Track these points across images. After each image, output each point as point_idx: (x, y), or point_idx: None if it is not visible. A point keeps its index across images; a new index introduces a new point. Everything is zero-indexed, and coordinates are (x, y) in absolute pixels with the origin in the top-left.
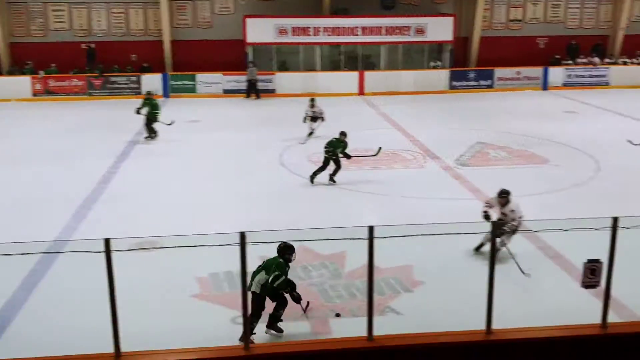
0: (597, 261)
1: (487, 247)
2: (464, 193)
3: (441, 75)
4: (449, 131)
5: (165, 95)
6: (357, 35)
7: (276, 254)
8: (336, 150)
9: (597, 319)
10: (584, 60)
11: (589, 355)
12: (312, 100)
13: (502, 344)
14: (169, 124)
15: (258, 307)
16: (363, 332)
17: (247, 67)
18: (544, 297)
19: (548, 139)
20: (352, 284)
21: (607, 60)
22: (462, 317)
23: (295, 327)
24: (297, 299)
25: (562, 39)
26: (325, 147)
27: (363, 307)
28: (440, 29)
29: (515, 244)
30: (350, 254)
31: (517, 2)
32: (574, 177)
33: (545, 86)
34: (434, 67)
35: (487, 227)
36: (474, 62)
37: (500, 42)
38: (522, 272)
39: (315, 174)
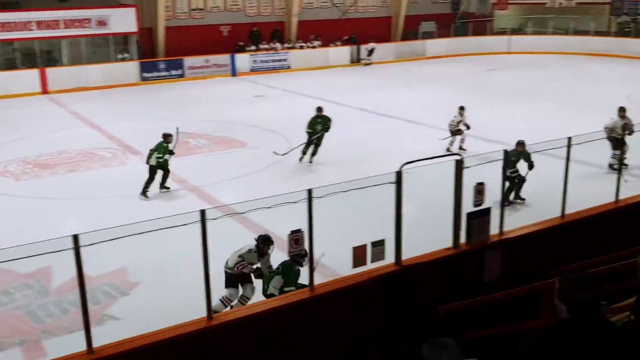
0: (299, 231)
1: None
2: (172, 184)
3: (130, 68)
4: (146, 124)
5: None
6: (32, 30)
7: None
8: (165, 153)
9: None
10: (266, 46)
11: (301, 318)
12: None
13: (224, 326)
14: None
15: None
16: (83, 347)
17: None
18: None
19: (243, 123)
20: (64, 299)
21: (286, 45)
22: (184, 310)
23: (5, 356)
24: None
25: (244, 27)
26: (157, 156)
27: (79, 321)
28: (123, 20)
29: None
30: (57, 268)
31: None
32: (271, 156)
33: (234, 72)
34: (122, 60)
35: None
36: (162, 53)
37: (186, 32)
38: None
39: (146, 186)
